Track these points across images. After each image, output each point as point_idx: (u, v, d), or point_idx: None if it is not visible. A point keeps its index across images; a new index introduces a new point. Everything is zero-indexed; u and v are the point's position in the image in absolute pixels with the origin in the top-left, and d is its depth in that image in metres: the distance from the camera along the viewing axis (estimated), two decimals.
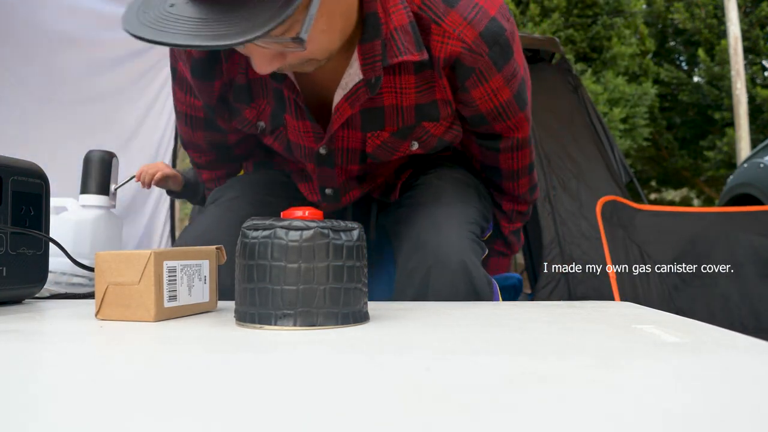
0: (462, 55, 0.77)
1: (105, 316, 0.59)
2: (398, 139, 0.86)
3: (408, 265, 0.82)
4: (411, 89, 0.80)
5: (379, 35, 0.75)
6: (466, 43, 0.76)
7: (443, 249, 0.81)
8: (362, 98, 0.79)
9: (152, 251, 0.57)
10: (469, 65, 0.78)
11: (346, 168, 0.92)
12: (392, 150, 0.88)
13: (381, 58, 0.75)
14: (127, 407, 0.28)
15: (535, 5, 8.36)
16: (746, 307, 1.84)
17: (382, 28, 0.74)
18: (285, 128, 0.88)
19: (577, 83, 2.30)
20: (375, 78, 0.77)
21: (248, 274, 0.53)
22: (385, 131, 0.85)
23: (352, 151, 0.88)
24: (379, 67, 0.76)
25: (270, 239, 0.52)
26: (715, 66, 8.76)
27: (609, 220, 1.97)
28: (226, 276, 0.73)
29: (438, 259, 0.80)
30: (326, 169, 0.91)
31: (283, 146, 0.92)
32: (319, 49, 0.71)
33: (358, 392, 0.31)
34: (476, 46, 0.76)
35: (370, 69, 0.76)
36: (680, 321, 0.56)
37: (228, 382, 0.34)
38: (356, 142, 0.87)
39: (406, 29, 0.75)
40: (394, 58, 0.75)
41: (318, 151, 0.89)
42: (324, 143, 0.87)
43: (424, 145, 0.88)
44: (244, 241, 0.54)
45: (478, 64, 0.78)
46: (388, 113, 0.83)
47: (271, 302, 0.52)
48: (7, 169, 0.72)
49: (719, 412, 0.28)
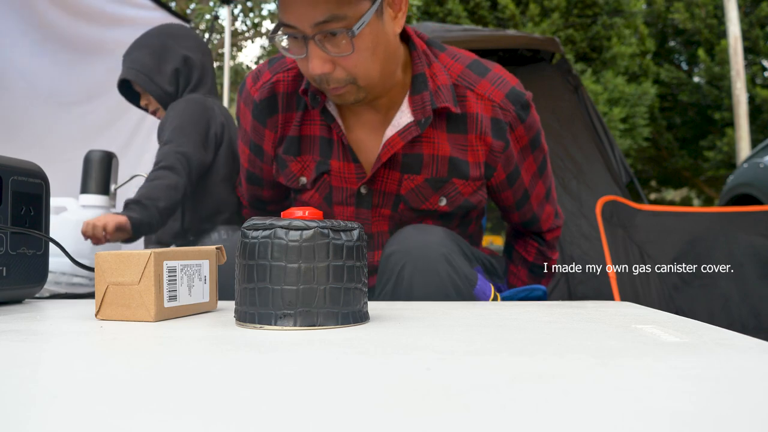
0: (495, 111, 0.95)
1: (105, 316, 0.59)
2: (430, 187, 0.97)
3: (388, 250, 0.88)
4: (446, 143, 0.95)
5: (427, 89, 0.93)
6: (495, 102, 0.95)
7: (424, 238, 0.86)
8: (412, 134, 0.92)
9: (152, 251, 0.57)
10: (502, 119, 0.96)
11: (380, 211, 1.00)
12: (423, 198, 0.98)
13: (430, 102, 0.92)
14: (127, 407, 0.28)
15: (535, 5, 8.35)
16: (746, 307, 1.84)
17: (429, 84, 0.93)
18: (329, 174, 0.99)
19: (577, 83, 2.30)
20: (425, 119, 0.92)
21: (248, 274, 0.53)
22: (420, 176, 0.96)
23: (388, 194, 0.99)
24: (429, 109, 0.92)
25: (270, 239, 0.52)
26: (715, 66, 8.76)
27: (609, 220, 1.97)
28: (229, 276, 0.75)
29: (418, 245, 0.85)
30: (363, 210, 1.01)
31: (323, 196, 1.01)
32: (363, 68, 0.86)
33: (358, 392, 0.31)
34: (503, 104, 0.95)
35: (421, 111, 0.92)
36: (680, 321, 0.56)
37: (228, 382, 0.34)
38: (393, 184, 0.98)
39: (447, 88, 0.93)
40: (441, 103, 0.92)
41: (359, 190, 0.99)
42: (365, 182, 0.97)
43: (451, 203, 0.98)
44: (244, 241, 0.54)
45: (508, 118, 0.96)
46: (426, 161, 0.96)
47: (271, 302, 0.52)
48: (7, 169, 0.72)
49: (719, 411, 0.28)
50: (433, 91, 0.93)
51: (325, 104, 0.94)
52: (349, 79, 0.87)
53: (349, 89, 0.88)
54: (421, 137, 0.95)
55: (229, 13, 3.97)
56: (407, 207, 0.99)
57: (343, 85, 0.87)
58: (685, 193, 12.26)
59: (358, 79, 0.87)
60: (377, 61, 0.87)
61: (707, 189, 10.28)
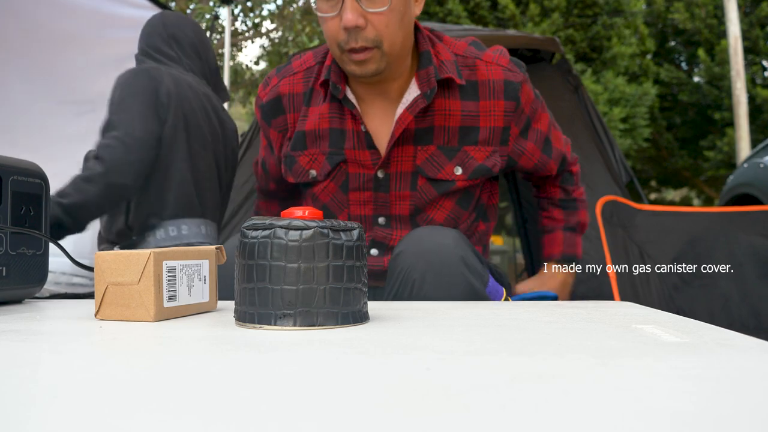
0: (506, 74, 1.01)
1: (105, 316, 0.59)
2: (444, 155, 1.01)
3: (399, 248, 0.88)
4: (457, 113, 1.00)
5: (431, 63, 0.98)
6: (504, 65, 1.01)
7: (438, 238, 0.86)
8: (420, 106, 0.97)
9: (152, 251, 0.57)
10: (513, 80, 1.01)
11: (399, 194, 1.03)
12: (439, 167, 1.01)
13: (434, 75, 0.97)
14: (127, 407, 0.28)
15: (535, 5, 8.35)
16: (746, 307, 1.84)
17: (433, 60, 0.99)
18: (345, 163, 1.03)
19: (577, 83, 2.30)
20: (430, 90, 0.97)
21: (248, 274, 0.53)
22: (433, 145, 1.01)
23: (404, 174, 1.02)
24: (434, 81, 0.97)
25: (269, 239, 0.52)
26: (715, 66, 8.75)
27: (609, 220, 1.97)
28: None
29: (432, 243, 0.85)
30: (381, 195, 1.04)
31: (339, 184, 1.04)
32: (391, 30, 0.92)
33: (358, 392, 0.31)
34: (511, 67, 1.02)
35: (426, 84, 0.97)
36: (680, 321, 0.56)
37: (228, 382, 0.34)
38: (408, 161, 1.01)
39: (451, 63, 1.00)
40: (444, 74, 0.97)
41: (376, 174, 1.02)
42: (381, 165, 1.01)
43: (466, 170, 1.02)
44: (244, 241, 0.54)
45: (518, 78, 1.02)
46: (437, 132, 1.01)
47: (270, 302, 0.52)
48: (7, 169, 0.72)
49: (719, 411, 0.28)
50: (437, 65, 0.98)
51: (345, 94, 0.99)
52: (376, 40, 0.92)
53: (374, 55, 0.93)
54: (433, 109, 0.99)
55: (229, 13, 3.98)
56: (426, 180, 1.01)
57: (370, 47, 0.92)
58: (685, 193, 12.25)
59: (384, 42, 0.92)
60: (403, 28, 0.94)
61: (707, 189, 10.28)
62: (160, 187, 1.33)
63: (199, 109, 1.39)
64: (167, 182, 1.33)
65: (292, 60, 1.10)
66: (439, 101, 0.99)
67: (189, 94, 1.37)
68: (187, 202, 1.35)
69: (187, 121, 1.35)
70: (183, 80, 1.38)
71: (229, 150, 1.52)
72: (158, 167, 1.32)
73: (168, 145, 1.32)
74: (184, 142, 1.35)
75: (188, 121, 1.35)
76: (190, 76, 1.43)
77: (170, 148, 1.33)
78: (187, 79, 1.40)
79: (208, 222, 1.43)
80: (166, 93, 1.31)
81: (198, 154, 1.38)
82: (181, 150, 1.34)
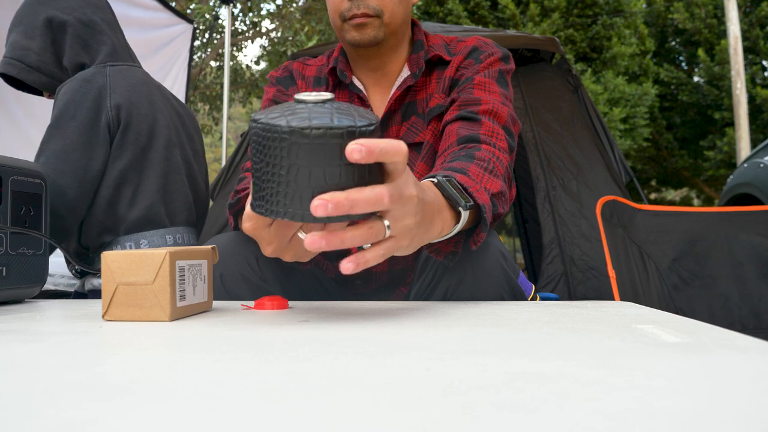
0: (478, 42, 1.07)
1: (113, 316, 0.58)
2: (422, 121, 1.08)
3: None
4: (434, 82, 1.06)
5: (423, 48, 1.07)
6: (481, 40, 1.08)
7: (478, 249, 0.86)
8: (407, 83, 1.04)
9: (167, 250, 0.57)
10: (479, 48, 1.06)
11: None
12: (416, 131, 1.08)
13: (423, 57, 1.06)
14: (126, 407, 0.28)
15: (535, 5, 8.35)
16: (746, 307, 1.84)
17: (425, 45, 1.08)
18: None
19: (577, 83, 2.30)
20: (418, 69, 1.05)
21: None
22: (414, 116, 1.08)
23: None
24: (422, 62, 1.05)
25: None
26: (715, 66, 8.76)
27: (609, 220, 1.97)
28: None
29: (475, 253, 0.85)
30: None
31: None
32: (390, 6, 0.99)
33: (358, 392, 0.31)
34: (486, 41, 1.07)
35: (416, 65, 1.05)
36: (680, 321, 0.56)
37: (228, 382, 0.34)
38: (395, 137, 1.06)
39: (440, 45, 1.08)
40: (432, 53, 1.06)
41: None
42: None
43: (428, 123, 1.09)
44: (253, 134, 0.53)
45: (487, 49, 1.06)
46: (420, 105, 1.08)
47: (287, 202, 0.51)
48: (7, 169, 0.72)
49: (719, 411, 0.28)
50: (427, 49, 1.07)
51: (352, 80, 1.06)
52: (378, 9, 0.99)
53: (373, 23, 0.99)
54: (416, 87, 1.06)
55: (229, 13, 3.97)
56: (410, 149, 1.03)
57: (371, 15, 0.98)
58: (685, 193, 12.26)
59: (385, 13, 0.99)
60: (403, 5, 1.01)
61: (707, 189, 10.28)
62: (112, 203, 1.21)
63: (161, 111, 1.28)
64: (119, 197, 1.21)
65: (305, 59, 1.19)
66: (424, 79, 1.07)
67: (141, 97, 1.24)
68: (146, 214, 1.22)
69: (139, 130, 1.22)
70: (134, 80, 1.25)
71: (196, 141, 1.40)
72: (106, 184, 1.20)
73: (116, 157, 1.20)
74: (139, 152, 1.23)
75: (141, 129, 1.23)
76: (138, 70, 1.30)
77: (122, 161, 1.20)
78: (139, 76, 1.27)
79: (180, 228, 1.30)
80: (115, 105, 1.19)
81: (160, 159, 1.26)
82: (135, 160, 1.22)
